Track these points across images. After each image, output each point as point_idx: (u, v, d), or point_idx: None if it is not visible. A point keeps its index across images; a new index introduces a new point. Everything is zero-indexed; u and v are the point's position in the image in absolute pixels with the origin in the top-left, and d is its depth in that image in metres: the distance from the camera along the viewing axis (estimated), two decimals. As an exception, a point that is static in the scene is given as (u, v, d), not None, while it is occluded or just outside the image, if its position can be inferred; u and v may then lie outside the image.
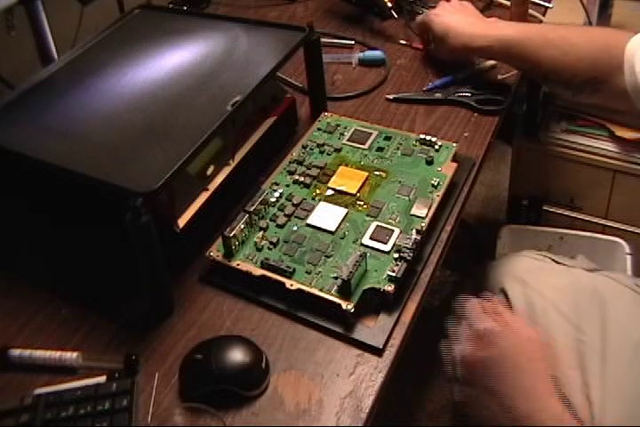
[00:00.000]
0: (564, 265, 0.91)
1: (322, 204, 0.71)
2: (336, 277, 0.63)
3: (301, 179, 0.74)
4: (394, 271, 0.62)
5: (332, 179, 0.74)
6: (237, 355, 0.58)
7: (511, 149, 1.46)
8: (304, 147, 0.78)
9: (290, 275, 0.64)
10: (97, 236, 0.67)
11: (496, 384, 0.50)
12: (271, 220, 0.69)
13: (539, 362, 0.53)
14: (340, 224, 0.69)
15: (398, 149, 0.78)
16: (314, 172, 0.75)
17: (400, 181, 0.73)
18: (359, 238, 0.67)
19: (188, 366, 0.59)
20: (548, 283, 0.88)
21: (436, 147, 0.76)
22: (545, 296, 0.86)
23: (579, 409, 0.76)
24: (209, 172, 0.70)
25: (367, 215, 0.69)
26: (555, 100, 1.44)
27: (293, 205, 0.71)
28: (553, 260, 0.93)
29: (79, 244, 0.69)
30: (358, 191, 0.72)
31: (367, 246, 0.66)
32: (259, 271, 0.64)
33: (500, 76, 0.95)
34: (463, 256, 1.30)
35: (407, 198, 0.71)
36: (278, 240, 0.67)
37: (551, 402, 0.51)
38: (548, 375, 0.53)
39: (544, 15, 1.10)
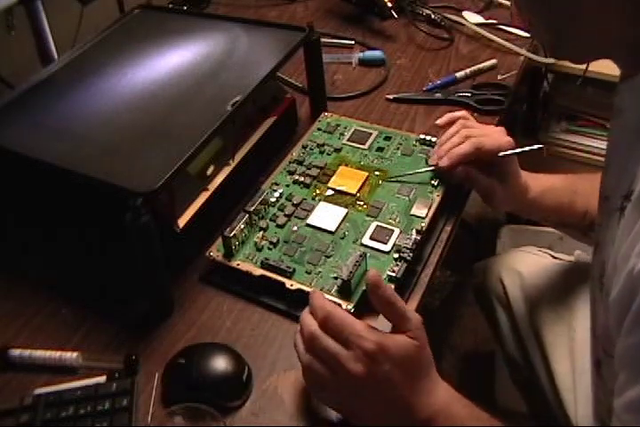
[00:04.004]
0: (562, 260, 0.92)
1: (322, 204, 0.71)
2: (336, 278, 0.63)
3: (301, 179, 0.74)
4: (394, 271, 0.62)
5: (332, 179, 0.74)
6: (219, 365, 0.57)
7: (511, 149, 1.46)
8: (304, 147, 0.78)
9: (290, 275, 0.64)
10: (97, 236, 0.67)
11: (396, 391, 0.50)
12: (271, 220, 0.69)
13: (423, 357, 0.52)
14: (340, 224, 0.69)
15: (398, 148, 0.78)
16: (314, 172, 0.75)
17: (400, 181, 0.73)
18: (359, 238, 0.67)
19: (169, 371, 0.59)
20: (545, 279, 0.88)
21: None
22: (541, 292, 0.87)
23: (568, 408, 0.77)
24: (209, 172, 0.70)
25: (367, 215, 0.69)
26: (555, 100, 1.44)
27: (293, 205, 0.71)
28: (551, 255, 0.94)
29: (79, 244, 0.69)
30: (358, 191, 0.72)
31: (367, 246, 0.66)
32: (259, 271, 0.64)
33: (499, 76, 0.95)
34: (463, 256, 1.30)
35: (407, 198, 0.71)
36: (278, 240, 0.67)
37: (444, 386, 0.53)
38: (432, 362, 0.53)
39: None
